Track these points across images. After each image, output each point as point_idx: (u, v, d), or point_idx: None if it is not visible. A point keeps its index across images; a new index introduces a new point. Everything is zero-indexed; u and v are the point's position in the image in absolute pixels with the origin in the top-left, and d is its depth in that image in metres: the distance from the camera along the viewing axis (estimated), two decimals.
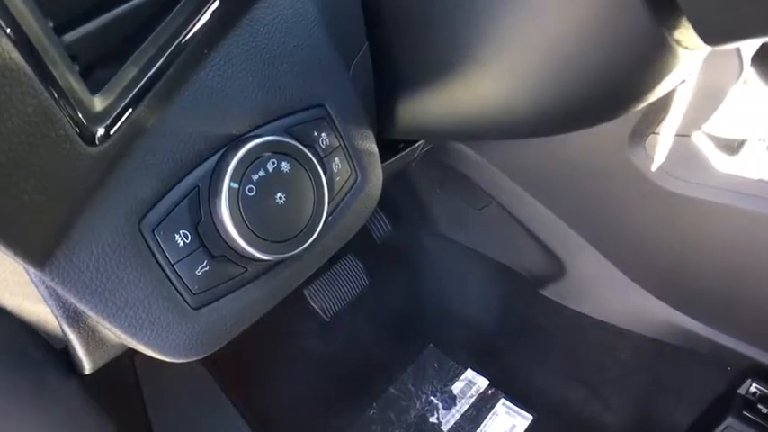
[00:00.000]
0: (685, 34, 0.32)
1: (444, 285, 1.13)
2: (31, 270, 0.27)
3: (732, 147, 0.86)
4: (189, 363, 0.39)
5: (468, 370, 1.09)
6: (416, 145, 0.58)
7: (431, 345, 1.09)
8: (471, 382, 1.08)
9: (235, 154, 0.30)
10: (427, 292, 1.12)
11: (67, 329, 0.32)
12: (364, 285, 1.04)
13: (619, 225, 0.91)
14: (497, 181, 0.96)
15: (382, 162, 0.54)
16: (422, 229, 1.11)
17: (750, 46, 0.42)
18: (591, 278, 0.98)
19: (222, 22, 0.30)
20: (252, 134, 0.32)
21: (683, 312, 0.93)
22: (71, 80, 0.23)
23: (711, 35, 0.32)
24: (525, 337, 1.07)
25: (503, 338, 1.09)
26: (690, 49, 0.33)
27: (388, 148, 0.54)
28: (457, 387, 1.08)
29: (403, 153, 0.53)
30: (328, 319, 0.98)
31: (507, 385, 1.06)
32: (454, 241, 1.10)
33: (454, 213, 1.09)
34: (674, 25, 0.31)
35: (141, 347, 0.31)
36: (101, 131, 0.25)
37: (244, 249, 0.31)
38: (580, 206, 0.93)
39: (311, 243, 0.33)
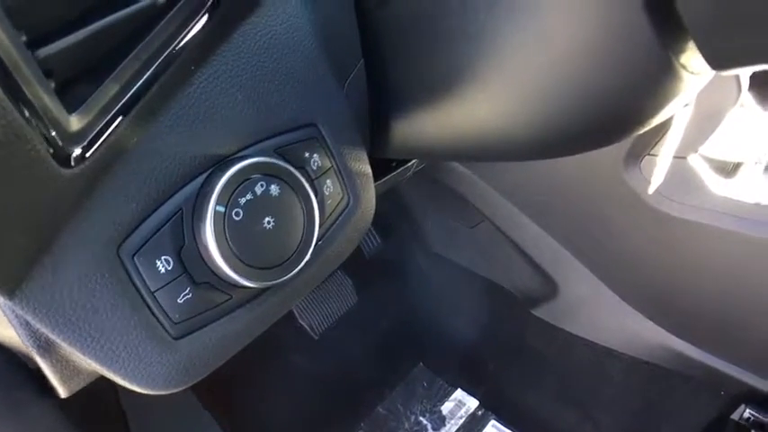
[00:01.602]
0: (691, 58, 0.31)
1: (435, 303, 1.11)
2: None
3: (728, 169, 0.86)
4: None
5: (459, 390, 1.07)
6: (410, 164, 0.56)
7: (420, 364, 1.07)
8: (461, 403, 1.06)
9: (221, 175, 0.29)
10: (418, 310, 1.10)
11: (39, 359, 0.30)
12: (353, 302, 1.02)
13: (613, 246, 0.90)
14: (490, 199, 0.95)
15: (375, 181, 0.52)
16: (413, 245, 1.10)
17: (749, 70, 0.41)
18: (584, 299, 0.97)
19: (211, 38, 0.29)
20: (240, 154, 0.30)
21: (676, 335, 0.92)
22: (45, 98, 0.22)
23: (718, 60, 0.31)
24: (517, 357, 1.06)
25: (494, 358, 1.07)
26: (695, 74, 0.33)
27: (381, 166, 0.52)
28: (446, 407, 1.06)
29: (396, 172, 0.52)
30: (317, 337, 0.97)
31: (497, 406, 1.04)
32: (446, 258, 1.09)
33: (446, 230, 1.08)
34: (680, 49, 0.30)
35: (117, 379, 0.29)
36: (77, 152, 0.23)
37: (229, 276, 0.29)
38: (574, 226, 0.92)
39: (300, 270, 0.32)
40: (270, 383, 0.94)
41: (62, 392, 0.34)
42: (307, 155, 0.33)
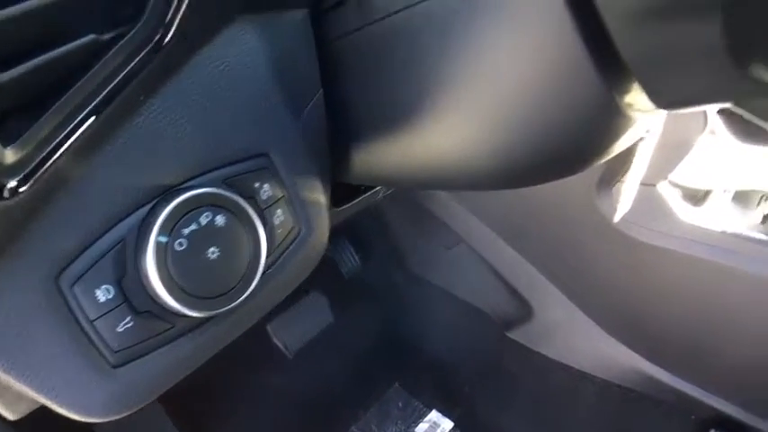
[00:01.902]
0: (637, 98, 0.32)
1: (412, 324, 1.11)
2: None
3: (698, 197, 0.87)
4: None
5: (433, 411, 1.07)
6: (378, 187, 0.57)
7: (396, 384, 1.07)
8: (436, 424, 1.06)
9: (165, 206, 0.29)
10: (394, 331, 1.10)
11: None
12: (329, 322, 1.02)
13: (586, 270, 0.91)
14: (467, 221, 0.95)
15: (344, 203, 0.53)
16: (392, 265, 1.10)
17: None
18: (558, 323, 0.98)
19: (160, 70, 0.29)
20: (187, 185, 0.31)
21: (648, 360, 0.93)
22: None
23: (663, 100, 0.32)
24: (492, 379, 1.06)
25: (469, 380, 1.07)
26: (642, 112, 0.33)
27: (350, 189, 0.53)
28: (421, 429, 1.06)
29: (364, 196, 0.52)
30: (291, 356, 0.96)
31: (472, 428, 1.04)
32: (424, 279, 1.09)
33: (424, 251, 1.08)
34: (625, 89, 0.31)
35: (54, 406, 0.29)
36: (11, 185, 0.24)
37: (171, 306, 0.29)
38: (548, 250, 0.93)
39: (244, 299, 0.32)
40: (243, 402, 0.93)
41: (10, 416, 0.34)
42: (257, 185, 0.34)
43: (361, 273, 1.10)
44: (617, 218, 0.78)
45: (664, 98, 0.31)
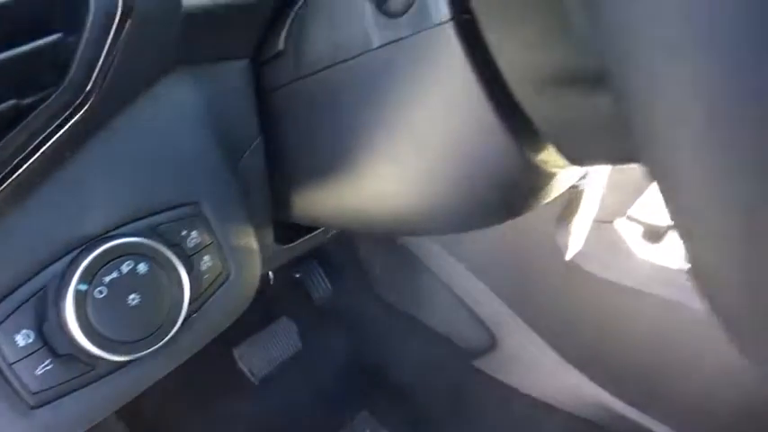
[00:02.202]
0: (551, 155, 0.34)
1: (381, 351, 1.12)
2: None
3: (660, 233, 0.89)
4: (106, 424, 0.39)
5: None
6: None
7: (364, 411, 1.08)
8: None
9: (87, 255, 0.31)
10: (363, 357, 1.11)
11: None
12: (297, 347, 1.03)
13: (548, 302, 0.92)
14: (432, 250, 0.97)
15: (294, 240, 0.55)
16: (363, 292, 1.11)
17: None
18: (523, 353, 0.99)
19: (86, 127, 0.31)
20: (113, 234, 0.33)
21: (610, 393, 0.94)
22: None
23: (575, 158, 0.34)
24: (458, 407, 1.07)
25: (435, 408, 1.08)
26: (560, 167, 0.35)
27: (299, 227, 0.54)
28: None
29: (311, 235, 0.54)
30: (257, 382, 0.97)
31: None
32: (393, 306, 1.11)
33: (394, 278, 1.10)
34: (538, 148, 0.33)
35: None
36: None
37: (89, 351, 0.31)
38: (512, 282, 0.95)
39: (165, 343, 0.34)
40: (207, 428, 0.94)
41: None
42: (185, 232, 0.35)
43: (332, 298, 1.11)
44: (568, 256, 0.80)
45: (576, 157, 0.33)
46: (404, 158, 0.35)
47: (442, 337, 1.07)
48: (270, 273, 0.95)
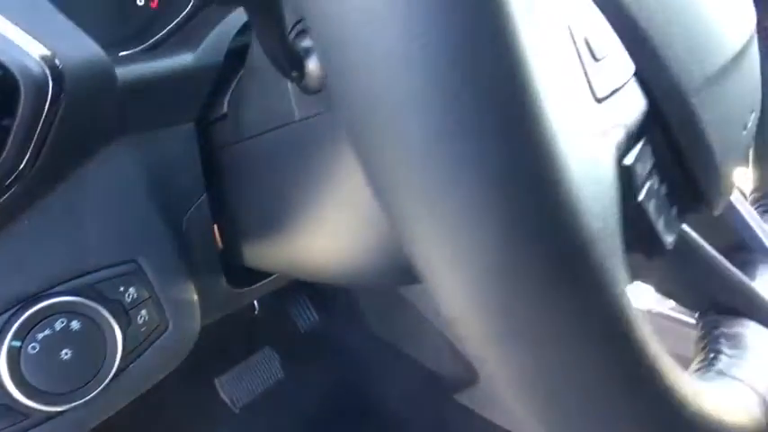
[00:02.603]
0: None
1: (364, 382, 1.13)
2: None
3: None
4: None
5: None
6: None
7: None
8: None
9: (21, 315, 0.33)
10: (346, 387, 1.12)
11: None
12: (280, 377, 1.05)
13: None
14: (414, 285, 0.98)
15: (257, 282, 0.57)
16: (348, 322, 1.13)
17: None
18: None
19: (23, 197, 0.33)
20: (47, 292, 0.35)
21: None
22: None
23: None
24: None
25: None
26: None
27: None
28: None
29: (267, 280, 0.56)
30: (237, 411, 0.99)
31: None
32: (379, 337, 1.12)
33: (379, 308, 1.11)
34: None
35: None
36: None
37: (23, 402, 0.33)
38: None
39: (97, 394, 0.36)
40: None
41: None
42: (122, 288, 0.38)
43: (318, 328, 1.13)
44: None
45: None
46: (331, 219, 0.37)
47: (426, 370, 1.08)
48: (255, 302, 0.97)
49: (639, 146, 0.27)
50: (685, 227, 0.37)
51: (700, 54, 0.29)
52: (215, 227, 0.46)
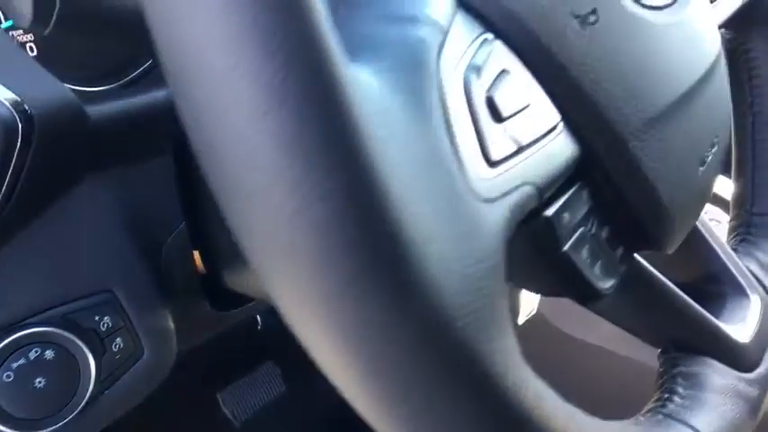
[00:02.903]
0: None
1: None
2: None
3: None
4: None
5: None
6: None
7: None
8: None
9: None
10: (348, 403, 1.13)
11: None
12: (282, 391, 1.06)
13: (528, 359, 0.93)
14: None
15: (243, 303, 0.58)
16: None
17: None
18: None
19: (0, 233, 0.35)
20: (23, 323, 0.37)
21: None
22: None
23: None
24: None
25: None
26: None
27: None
28: None
29: (249, 304, 0.57)
30: (239, 425, 1.00)
31: None
32: None
33: None
34: None
35: None
36: None
37: None
38: None
39: (71, 420, 0.37)
40: None
41: None
42: (97, 318, 0.39)
43: None
44: (521, 321, 0.81)
45: None
46: None
47: None
48: (258, 317, 0.98)
49: (570, 193, 0.27)
50: (642, 261, 0.37)
51: (639, 96, 0.28)
52: (195, 253, 0.48)
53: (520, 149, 0.23)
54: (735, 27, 0.48)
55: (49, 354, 0.36)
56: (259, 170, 0.16)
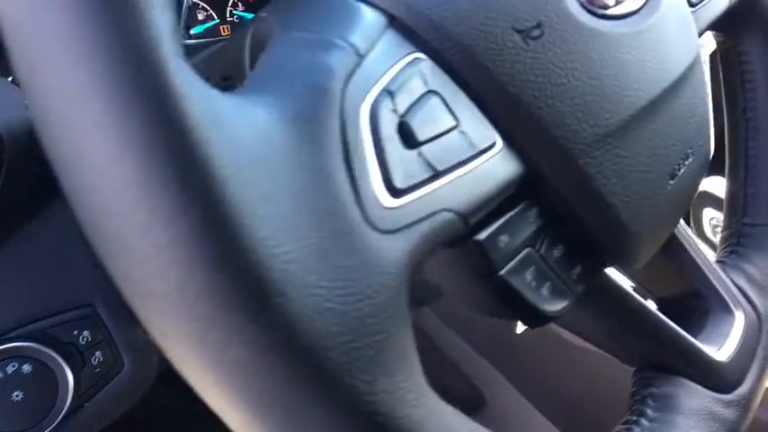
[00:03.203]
0: None
1: None
2: None
3: None
4: None
5: None
6: None
7: None
8: None
9: None
10: None
11: None
12: None
13: (531, 364, 0.93)
14: (424, 311, 1.00)
15: None
16: None
17: None
18: (509, 413, 0.99)
19: None
20: (1, 338, 0.38)
21: None
22: None
23: None
24: None
25: None
26: None
27: None
28: None
29: None
30: None
31: None
32: None
33: None
34: None
35: None
36: None
37: None
38: (495, 344, 0.96)
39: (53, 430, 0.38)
40: None
41: None
42: (76, 332, 0.40)
43: None
44: (519, 331, 0.80)
45: None
46: None
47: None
48: None
49: (511, 214, 0.26)
50: (613, 278, 0.35)
51: (590, 112, 0.26)
52: None
53: (436, 175, 0.22)
54: (726, 29, 0.47)
55: (26, 368, 0.37)
56: (112, 215, 0.16)
